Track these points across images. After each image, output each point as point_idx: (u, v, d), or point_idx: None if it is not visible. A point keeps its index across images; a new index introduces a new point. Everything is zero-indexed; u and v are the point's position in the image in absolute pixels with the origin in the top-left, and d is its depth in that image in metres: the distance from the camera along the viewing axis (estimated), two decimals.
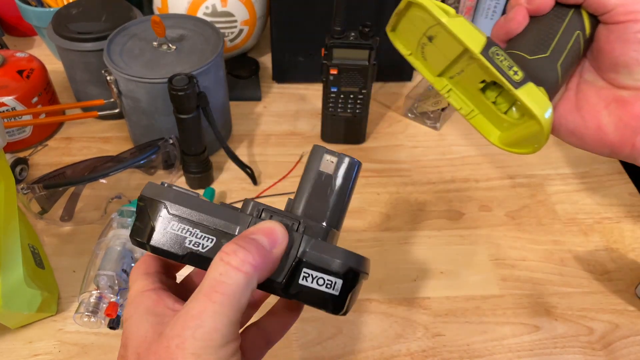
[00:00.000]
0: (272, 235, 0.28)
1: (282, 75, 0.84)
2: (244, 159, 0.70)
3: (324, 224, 0.32)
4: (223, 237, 0.29)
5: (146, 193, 0.30)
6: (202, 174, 0.66)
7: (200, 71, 0.62)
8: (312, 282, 0.28)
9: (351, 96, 0.68)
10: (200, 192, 0.66)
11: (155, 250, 0.29)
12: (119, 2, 0.74)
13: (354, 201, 0.66)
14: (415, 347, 0.53)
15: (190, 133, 0.62)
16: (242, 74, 0.83)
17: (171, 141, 0.65)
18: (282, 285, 0.28)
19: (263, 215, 0.30)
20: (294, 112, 0.80)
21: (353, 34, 0.64)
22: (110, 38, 0.66)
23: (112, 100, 0.68)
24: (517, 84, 0.34)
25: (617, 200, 0.68)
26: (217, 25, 0.74)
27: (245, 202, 0.31)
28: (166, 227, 0.29)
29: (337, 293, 0.29)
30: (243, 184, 0.68)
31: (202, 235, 0.29)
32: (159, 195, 0.29)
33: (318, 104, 0.80)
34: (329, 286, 0.28)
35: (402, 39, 0.41)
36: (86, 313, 0.50)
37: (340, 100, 0.69)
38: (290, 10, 0.75)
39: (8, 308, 0.47)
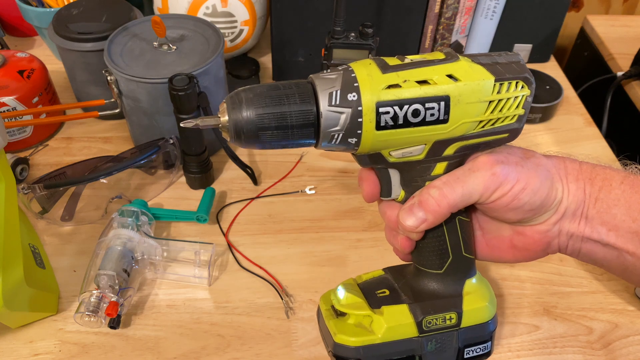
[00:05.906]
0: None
1: (282, 75, 0.84)
2: (244, 159, 0.70)
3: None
4: None
5: (342, 354, 0.39)
6: (202, 174, 0.66)
7: (201, 71, 0.62)
8: (473, 353, 0.40)
9: None
10: (201, 192, 0.66)
11: None
12: (119, 2, 0.74)
13: (353, 201, 0.66)
14: None
15: (191, 133, 0.62)
16: (242, 74, 0.83)
17: (172, 141, 0.65)
18: None
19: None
20: None
21: (353, 34, 0.64)
22: (110, 38, 0.66)
23: (112, 100, 0.68)
24: (458, 324, 0.39)
25: None
26: (218, 26, 0.74)
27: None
28: None
29: (489, 350, 0.41)
30: (243, 184, 0.69)
31: None
32: (354, 354, 0.38)
33: None
34: (484, 349, 0.41)
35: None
36: (87, 313, 0.50)
37: None
38: (290, 10, 0.75)
39: (8, 308, 0.47)
